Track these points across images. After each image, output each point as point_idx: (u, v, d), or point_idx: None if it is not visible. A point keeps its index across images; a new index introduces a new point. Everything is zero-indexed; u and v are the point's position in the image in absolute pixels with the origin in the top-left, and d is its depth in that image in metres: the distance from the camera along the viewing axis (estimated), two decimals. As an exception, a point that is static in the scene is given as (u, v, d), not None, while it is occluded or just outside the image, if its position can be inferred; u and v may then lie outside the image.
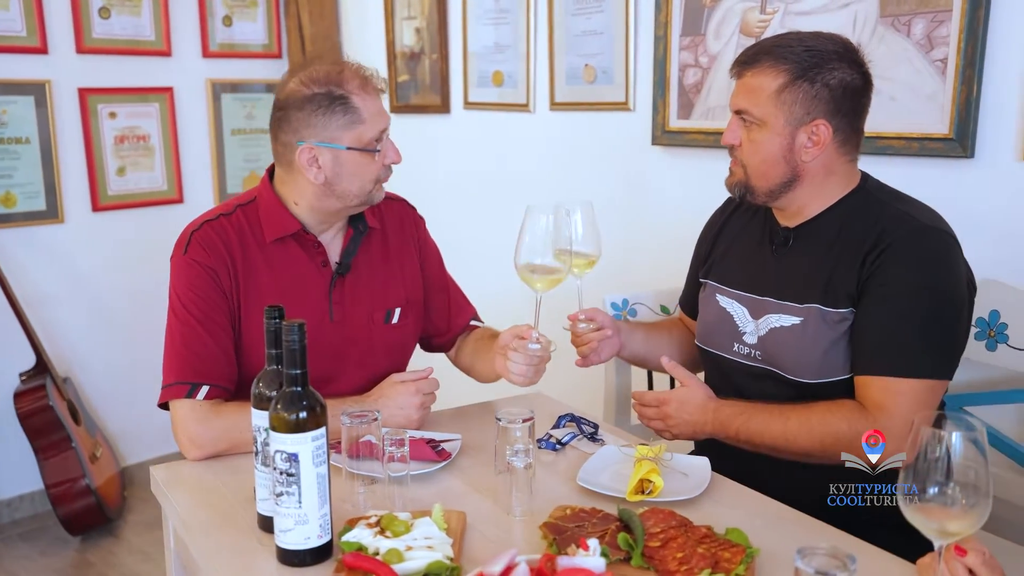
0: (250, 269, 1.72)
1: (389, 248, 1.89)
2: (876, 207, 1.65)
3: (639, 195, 2.86)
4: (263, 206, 1.76)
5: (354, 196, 1.71)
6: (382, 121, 1.69)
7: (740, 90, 1.68)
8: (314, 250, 1.77)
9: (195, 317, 1.67)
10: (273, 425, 1.22)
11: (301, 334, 1.21)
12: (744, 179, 1.69)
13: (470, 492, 1.50)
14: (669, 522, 1.28)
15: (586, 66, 2.96)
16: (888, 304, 1.55)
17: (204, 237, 1.71)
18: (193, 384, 1.63)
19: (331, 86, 1.65)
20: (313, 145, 1.66)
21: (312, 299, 1.76)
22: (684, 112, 2.70)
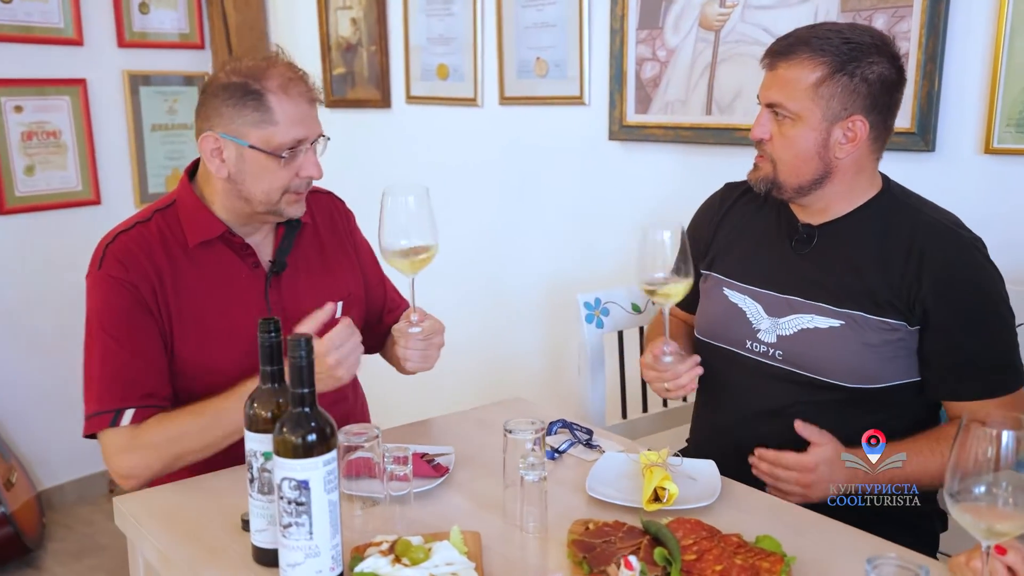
0: (178, 277, 1.60)
1: (323, 242, 1.79)
2: (908, 213, 1.62)
3: (597, 191, 2.81)
4: (183, 209, 1.64)
5: (259, 202, 1.59)
6: (301, 130, 1.56)
7: (774, 82, 1.61)
8: (243, 251, 1.66)
9: (112, 336, 1.55)
10: (279, 450, 1.11)
11: (308, 349, 1.10)
12: (772, 174, 1.63)
13: (476, 509, 1.41)
14: (699, 532, 1.22)
15: (538, 59, 2.89)
16: (971, 328, 1.54)
17: (120, 250, 1.58)
18: (116, 411, 1.52)
19: (249, 79, 1.54)
20: (218, 136, 1.55)
21: (249, 302, 1.65)
22: (642, 107, 2.65)
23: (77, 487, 3.56)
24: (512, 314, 3.08)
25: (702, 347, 1.78)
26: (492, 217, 3.07)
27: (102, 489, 3.59)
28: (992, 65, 1.99)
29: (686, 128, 2.55)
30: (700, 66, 2.51)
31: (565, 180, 2.89)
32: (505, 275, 3.07)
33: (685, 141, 2.56)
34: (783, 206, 1.73)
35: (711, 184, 2.52)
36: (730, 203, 1.85)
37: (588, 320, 2.17)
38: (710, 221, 1.87)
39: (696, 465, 1.51)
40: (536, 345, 2.98)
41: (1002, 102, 2.00)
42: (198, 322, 1.60)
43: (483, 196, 3.14)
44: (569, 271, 2.89)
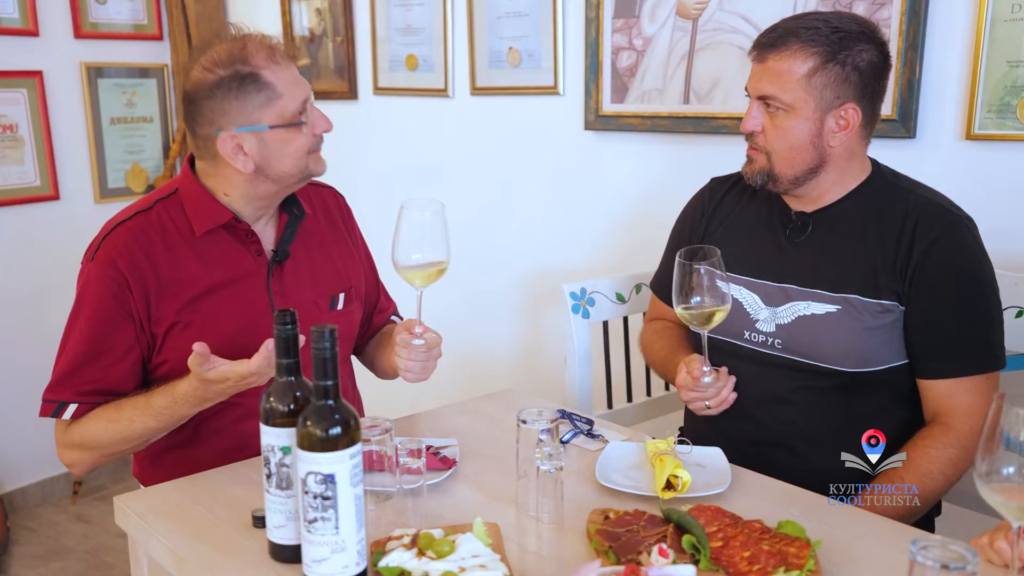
0: (177, 267, 1.57)
1: (324, 234, 1.77)
2: (899, 194, 1.65)
3: (573, 181, 2.80)
4: (188, 198, 1.61)
5: (291, 175, 1.58)
6: (302, 91, 1.55)
7: (764, 75, 1.60)
8: (247, 239, 1.63)
9: (83, 330, 1.56)
10: (303, 443, 1.08)
11: (333, 340, 1.08)
12: (767, 167, 1.63)
13: (488, 501, 1.39)
14: (721, 520, 1.22)
15: (510, 49, 2.87)
16: (948, 305, 1.56)
17: (116, 242, 1.56)
18: (59, 403, 1.56)
19: (236, 64, 1.50)
20: (234, 132, 1.52)
21: (251, 291, 1.63)
22: (618, 96, 2.65)
23: (39, 489, 3.46)
24: (491, 306, 3.07)
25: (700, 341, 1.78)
26: (467, 209, 3.05)
27: (65, 491, 3.49)
28: (973, 51, 2.03)
29: (664, 117, 2.56)
30: (677, 55, 2.52)
31: (540, 171, 2.88)
32: (482, 267, 3.05)
33: (663, 130, 2.57)
34: (774, 196, 1.74)
35: (691, 173, 2.54)
36: (719, 197, 1.86)
37: (575, 310, 2.17)
38: (700, 216, 1.87)
39: (703, 452, 1.51)
40: (516, 336, 2.97)
41: (983, 88, 2.04)
42: (197, 311, 1.57)
43: (456, 188, 3.12)
44: (547, 262, 2.88)
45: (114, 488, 3.57)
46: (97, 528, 3.25)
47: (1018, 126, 2.03)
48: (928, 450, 1.52)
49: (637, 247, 2.60)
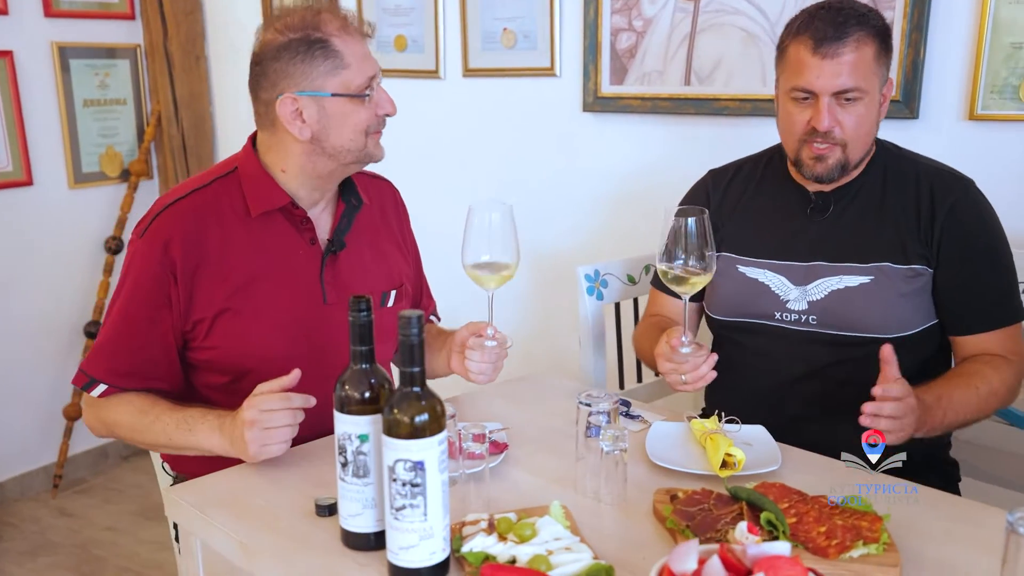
0: (230, 249, 1.55)
1: (378, 228, 1.75)
2: (907, 164, 1.71)
3: (572, 163, 2.80)
4: (246, 177, 1.58)
5: (347, 151, 1.55)
6: (370, 67, 1.55)
7: (840, 68, 1.57)
8: (302, 226, 1.60)
9: (120, 309, 1.55)
10: (391, 431, 1.07)
11: (420, 327, 1.07)
12: (843, 158, 1.64)
13: (544, 483, 1.39)
14: (790, 496, 1.24)
15: (504, 30, 2.85)
16: (977, 262, 1.63)
17: (169, 222, 1.53)
18: (91, 380, 1.55)
19: (308, 30, 1.50)
20: (296, 96, 1.50)
21: (303, 279, 1.60)
22: (617, 78, 2.65)
23: (19, 484, 3.36)
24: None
25: (723, 326, 1.81)
26: (462, 193, 3.03)
27: (45, 485, 3.41)
28: (977, 33, 2.08)
29: (664, 99, 2.57)
30: (679, 36, 2.53)
31: (538, 153, 2.87)
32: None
33: (664, 112, 2.58)
34: (787, 180, 1.78)
35: (693, 154, 2.56)
36: (723, 187, 1.88)
37: (589, 292, 2.17)
38: (700, 204, 1.86)
39: (748, 431, 1.53)
40: (519, 319, 2.97)
41: (986, 69, 2.09)
42: (249, 298, 1.55)
43: (450, 171, 3.10)
44: (549, 244, 2.88)
45: (95, 481, 3.50)
46: (82, 522, 3.18)
47: (1020, 107, 2.09)
48: (999, 370, 1.59)
49: (640, 228, 2.61)
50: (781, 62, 1.68)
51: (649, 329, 1.92)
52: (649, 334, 1.90)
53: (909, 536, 1.20)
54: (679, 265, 1.48)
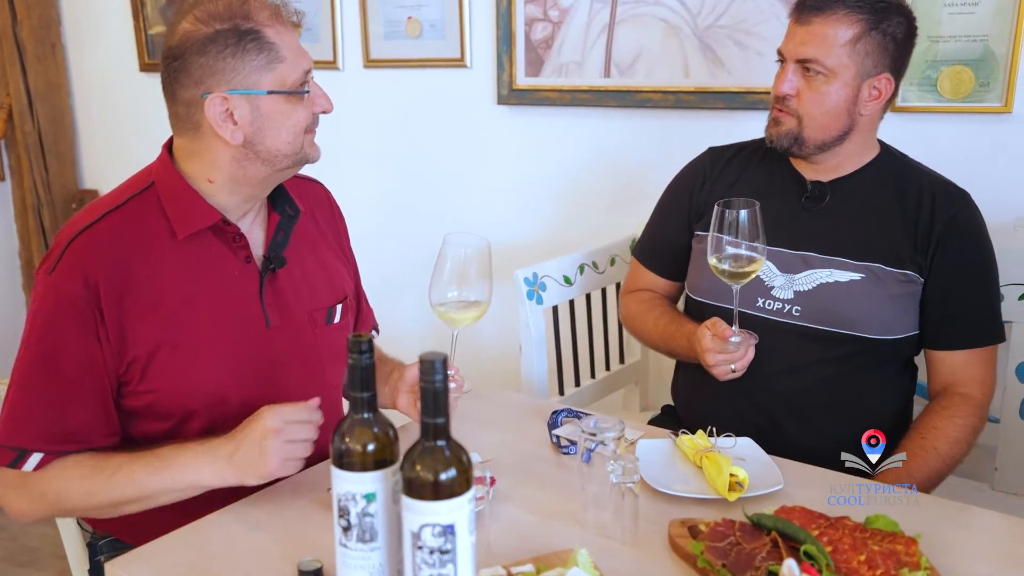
0: (158, 277, 1.33)
1: (316, 237, 1.57)
2: (911, 171, 1.69)
3: (488, 157, 2.69)
4: (167, 193, 1.37)
5: (284, 155, 1.36)
6: (305, 60, 1.37)
7: (808, 37, 1.58)
8: (235, 243, 1.41)
9: (45, 360, 1.30)
10: (414, 492, 0.93)
11: (444, 372, 0.94)
12: (797, 129, 1.62)
13: (543, 521, 1.28)
14: (816, 521, 1.18)
15: (409, 19, 2.70)
16: (968, 278, 1.61)
17: (84, 250, 1.30)
18: (20, 451, 1.29)
19: (237, 20, 1.31)
20: (226, 95, 1.31)
21: (241, 303, 1.41)
22: (533, 69, 2.55)
23: None
24: (405, 289, 2.89)
25: (705, 309, 1.74)
26: (368, 190, 2.86)
27: None
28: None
29: (584, 91, 2.49)
30: (597, 27, 2.45)
31: (449, 148, 2.74)
32: (394, 251, 2.87)
33: (584, 104, 2.50)
34: (784, 164, 1.74)
35: (617, 147, 2.50)
36: (721, 165, 1.83)
37: (529, 297, 2.07)
38: (699, 184, 1.83)
39: (741, 445, 1.46)
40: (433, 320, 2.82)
41: (906, 64, 2.11)
42: (185, 329, 1.34)
43: (354, 167, 2.91)
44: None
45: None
46: None
47: (938, 99, 2.12)
48: (956, 419, 1.58)
49: (566, 225, 2.53)
50: None
51: (645, 306, 1.86)
52: (650, 311, 1.84)
53: (947, 557, 1.16)
54: (730, 256, 1.45)
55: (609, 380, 2.34)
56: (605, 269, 2.27)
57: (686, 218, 1.84)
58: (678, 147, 2.38)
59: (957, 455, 1.59)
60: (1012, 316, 1.93)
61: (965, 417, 1.60)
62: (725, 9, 2.28)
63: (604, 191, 2.51)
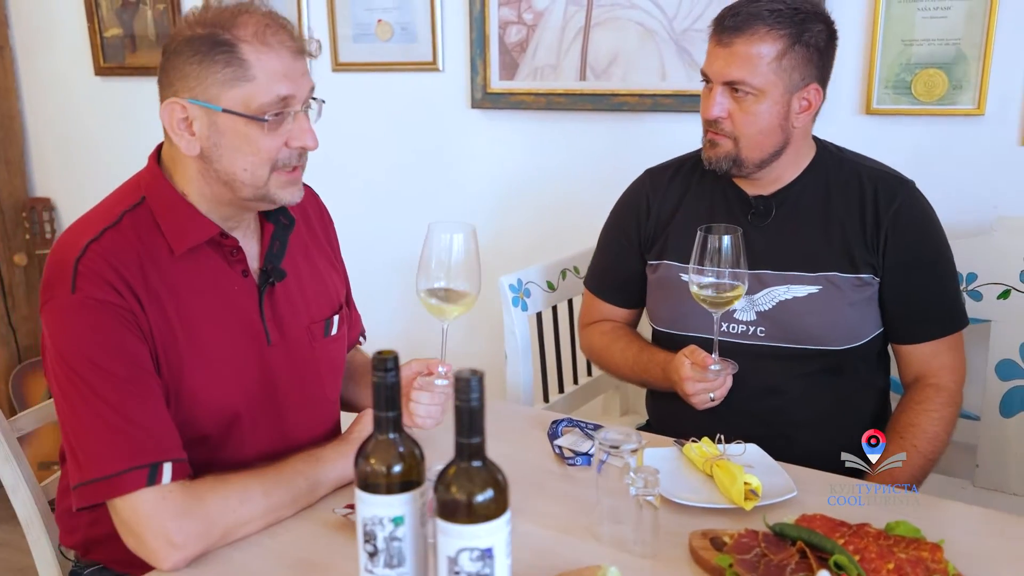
0: (159, 296, 1.27)
1: (309, 245, 1.52)
2: (848, 166, 1.68)
3: (462, 162, 2.65)
4: (160, 207, 1.30)
5: (243, 183, 1.28)
6: (286, 86, 1.26)
7: (732, 59, 1.55)
8: (233, 257, 1.35)
9: (120, 376, 1.19)
10: (451, 515, 0.90)
11: (481, 390, 0.90)
12: (734, 151, 1.60)
13: (558, 535, 1.25)
14: (839, 529, 1.17)
15: (379, 21, 2.65)
16: (923, 269, 1.61)
17: (96, 264, 1.22)
18: (152, 465, 1.17)
19: (217, 28, 1.24)
20: (186, 102, 1.25)
21: (243, 320, 1.35)
22: (507, 72, 2.53)
23: None
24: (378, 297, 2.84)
25: (668, 339, 1.73)
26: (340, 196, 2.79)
27: None
28: (871, 30, 2.12)
29: (560, 94, 2.47)
30: (572, 30, 2.43)
31: (422, 153, 2.70)
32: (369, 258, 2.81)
33: (560, 108, 2.48)
34: (725, 183, 1.72)
35: (594, 150, 2.49)
36: (662, 188, 1.80)
37: (515, 304, 2.04)
38: (646, 209, 1.80)
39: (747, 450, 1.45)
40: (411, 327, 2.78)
41: (880, 65, 2.14)
42: (189, 351, 1.28)
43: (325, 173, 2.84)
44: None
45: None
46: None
47: (912, 101, 2.15)
48: (931, 413, 1.59)
49: (543, 230, 2.51)
50: None
51: (610, 338, 1.82)
52: (615, 342, 1.80)
53: (972, 563, 1.15)
54: (711, 284, 1.41)
55: (590, 386, 2.32)
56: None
57: (636, 248, 1.81)
58: (656, 150, 2.37)
59: (938, 450, 1.59)
60: (991, 315, 1.97)
61: (940, 409, 1.61)
62: (701, 12, 2.28)
63: (582, 195, 2.49)
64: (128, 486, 1.16)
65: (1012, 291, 1.99)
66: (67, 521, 1.41)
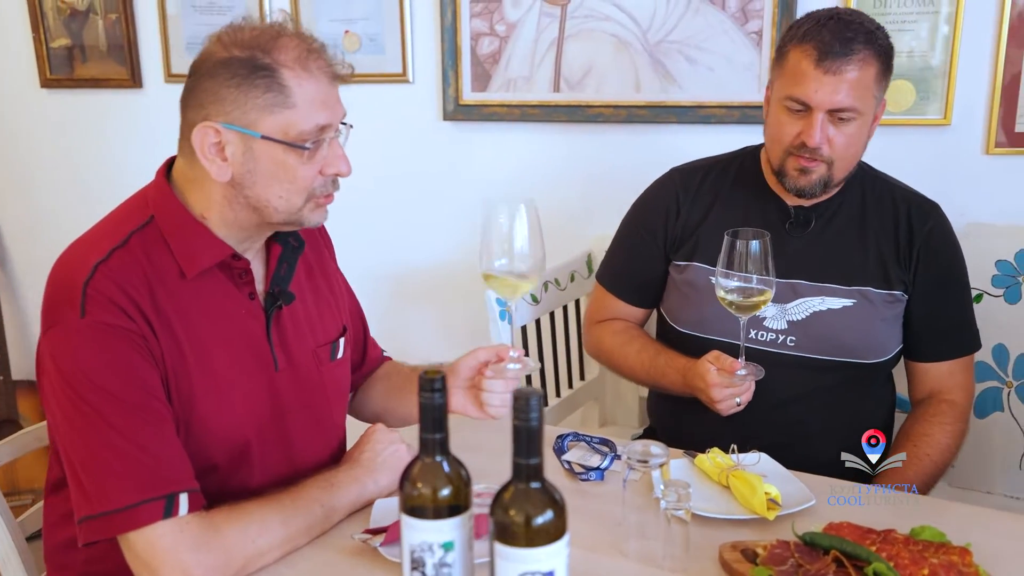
0: (169, 321, 1.21)
1: (312, 266, 1.46)
2: (883, 185, 1.70)
3: (434, 175, 2.62)
4: (170, 227, 1.24)
5: (276, 210, 1.24)
6: (325, 114, 1.23)
7: (841, 86, 1.50)
8: (241, 279, 1.30)
9: (132, 403, 1.14)
10: (510, 539, 0.88)
11: (540, 410, 0.88)
12: (827, 174, 1.58)
13: (585, 554, 1.22)
14: (868, 536, 1.18)
15: (346, 32, 2.61)
16: (950, 290, 1.65)
17: (105, 287, 1.16)
18: (168, 496, 1.12)
19: (256, 51, 1.19)
20: (220, 127, 1.20)
21: (251, 345, 1.30)
22: (480, 84, 2.51)
23: None
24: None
25: (689, 341, 1.72)
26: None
27: None
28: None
29: (533, 106, 2.46)
30: (546, 41, 2.43)
31: (393, 166, 2.66)
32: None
33: (533, 119, 2.47)
34: (761, 189, 1.72)
35: (568, 162, 2.48)
36: (694, 190, 1.78)
37: (502, 317, 2.02)
38: (674, 212, 1.78)
39: (750, 460, 1.45)
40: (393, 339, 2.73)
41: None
42: (202, 374, 1.23)
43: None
44: (417, 260, 2.67)
45: None
46: None
47: (882, 112, 2.19)
48: (945, 426, 1.62)
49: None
50: (779, 66, 1.59)
51: (623, 338, 1.81)
52: (629, 343, 1.79)
53: (999, 565, 1.17)
54: (738, 288, 1.41)
55: (572, 398, 2.31)
56: (566, 286, 2.24)
57: (661, 247, 1.79)
58: (630, 162, 2.39)
59: (948, 461, 1.64)
60: (966, 320, 2.01)
61: (953, 423, 1.65)
62: (675, 24, 2.30)
63: (557, 207, 2.47)
64: (144, 519, 1.10)
65: (984, 295, 2.05)
66: (59, 557, 1.34)
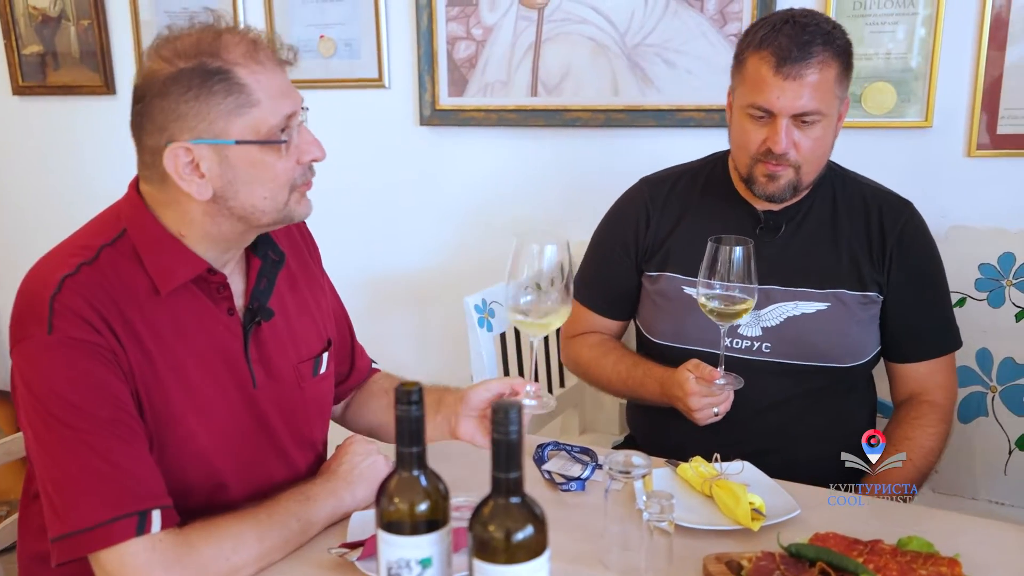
0: (140, 338, 1.16)
1: (296, 278, 1.42)
2: (852, 185, 1.68)
3: (410, 181, 2.59)
4: (144, 243, 1.19)
5: (263, 211, 1.20)
6: (287, 102, 1.18)
7: (802, 91, 1.49)
8: (219, 294, 1.25)
9: (103, 418, 1.10)
10: (490, 555, 0.85)
11: (520, 423, 0.85)
12: (796, 178, 1.57)
13: (567, 566, 1.20)
14: (855, 547, 1.16)
15: (321, 37, 2.58)
16: (926, 289, 1.62)
17: (72, 301, 1.12)
18: (140, 513, 1.08)
19: (203, 57, 1.13)
20: (189, 144, 1.14)
21: (228, 362, 1.26)
22: (456, 89, 2.48)
23: None
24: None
25: (666, 352, 1.70)
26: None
27: None
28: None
29: (511, 111, 2.44)
30: (523, 46, 2.41)
31: (369, 171, 2.63)
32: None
33: (511, 124, 2.45)
34: (732, 196, 1.70)
35: (546, 166, 2.46)
36: (662, 199, 1.76)
37: (480, 324, 2.00)
38: (644, 222, 1.76)
39: (734, 469, 1.43)
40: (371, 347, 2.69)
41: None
42: (179, 391, 1.19)
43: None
44: (394, 267, 2.64)
45: None
46: None
47: (863, 114, 2.19)
48: (927, 428, 1.61)
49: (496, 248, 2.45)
50: (739, 74, 1.58)
51: (599, 350, 1.78)
52: (606, 356, 1.76)
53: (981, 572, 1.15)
54: (720, 296, 1.38)
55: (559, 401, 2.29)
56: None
57: (633, 259, 1.77)
58: (609, 165, 2.37)
59: (931, 465, 1.62)
60: (947, 322, 2.00)
61: (935, 425, 1.63)
62: (653, 27, 2.28)
63: (535, 212, 2.46)
64: (116, 537, 1.06)
65: (967, 299, 2.04)
66: (32, 570, 1.30)
